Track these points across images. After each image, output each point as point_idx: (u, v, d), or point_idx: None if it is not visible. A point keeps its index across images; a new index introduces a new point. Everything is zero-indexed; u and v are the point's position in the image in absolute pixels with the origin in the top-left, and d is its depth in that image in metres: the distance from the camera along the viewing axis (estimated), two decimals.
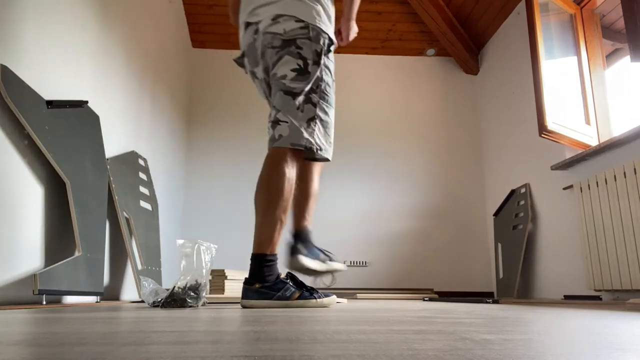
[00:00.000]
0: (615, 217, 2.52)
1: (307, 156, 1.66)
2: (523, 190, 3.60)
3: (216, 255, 1.69)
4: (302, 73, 1.61)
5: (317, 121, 1.62)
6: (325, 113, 1.66)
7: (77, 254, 1.88)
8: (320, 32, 1.64)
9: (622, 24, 3.29)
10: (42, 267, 1.78)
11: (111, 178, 2.35)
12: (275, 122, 1.60)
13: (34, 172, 1.78)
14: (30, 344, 0.51)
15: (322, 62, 1.64)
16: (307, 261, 1.69)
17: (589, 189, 2.74)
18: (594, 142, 3.03)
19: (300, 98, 1.60)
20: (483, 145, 4.39)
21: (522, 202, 3.58)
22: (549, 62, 2.99)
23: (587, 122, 3.09)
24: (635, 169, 2.40)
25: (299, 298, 1.58)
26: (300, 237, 1.77)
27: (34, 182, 1.78)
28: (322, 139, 1.64)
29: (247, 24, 1.69)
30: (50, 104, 1.88)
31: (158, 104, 3.38)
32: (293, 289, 1.58)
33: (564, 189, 3.05)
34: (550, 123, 2.84)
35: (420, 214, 4.23)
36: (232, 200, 4.15)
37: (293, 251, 1.71)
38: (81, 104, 2.11)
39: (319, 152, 1.62)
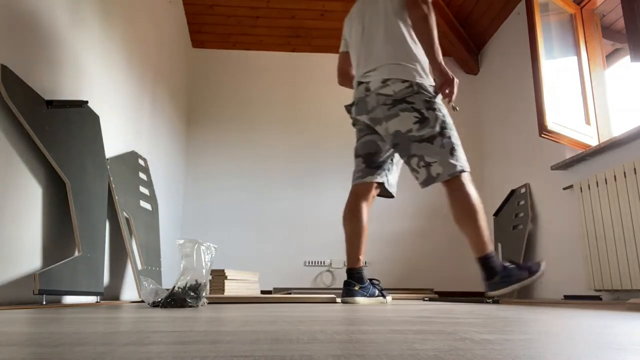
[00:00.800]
0: (615, 217, 2.52)
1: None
2: (523, 190, 3.60)
3: (216, 255, 1.69)
4: (423, 121, 1.93)
5: (457, 147, 1.95)
6: (457, 138, 1.98)
7: (77, 254, 1.88)
8: (422, 85, 1.97)
9: (622, 24, 3.29)
10: (42, 267, 1.78)
11: (111, 178, 2.35)
12: (427, 165, 1.91)
13: (33, 172, 1.78)
14: (30, 344, 0.51)
15: (434, 105, 1.95)
16: (362, 300, 2.04)
17: (589, 189, 2.74)
18: (594, 142, 3.03)
19: (438, 140, 1.92)
20: (483, 145, 4.39)
21: (522, 202, 3.58)
22: (549, 62, 2.99)
23: (587, 122, 3.09)
24: (635, 169, 2.40)
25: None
26: (354, 276, 2.08)
27: (34, 182, 1.78)
28: (464, 158, 1.97)
29: (359, 82, 2.10)
30: (50, 104, 1.88)
31: (158, 104, 3.38)
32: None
33: (564, 189, 3.05)
34: (550, 123, 2.84)
35: (420, 214, 4.23)
36: (232, 200, 4.15)
37: (349, 292, 2.04)
38: (81, 104, 2.11)
39: (466, 170, 1.94)
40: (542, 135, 2.87)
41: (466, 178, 1.92)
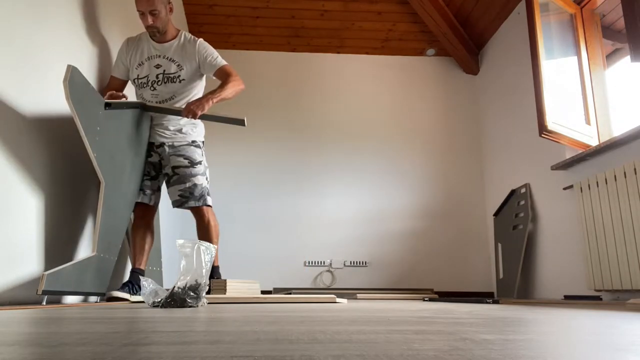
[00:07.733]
0: (615, 217, 2.52)
1: None
2: (523, 190, 3.60)
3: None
4: None
5: None
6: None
7: (91, 253, 1.89)
8: None
9: (622, 24, 3.29)
10: (42, 268, 1.78)
11: None
12: None
13: (34, 173, 1.77)
14: (30, 344, 0.51)
15: None
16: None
17: (589, 189, 2.74)
18: (594, 142, 3.03)
19: None
20: (483, 145, 4.39)
21: (522, 202, 3.58)
22: (549, 62, 2.99)
23: (587, 122, 3.09)
24: (635, 169, 2.40)
25: None
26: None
27: (36, 183, 1.78)
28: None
29: None
30: (109, 105, 2.01)
31: None
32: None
33: (564, 189, 3.05)
34: (550, 123, 2.84)
35: (420, 214, 4.23)
36: (232, 200, 4.15)
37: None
38: (138, 106, 2.24)
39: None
40: (542, 135, 2.87)
41: None
